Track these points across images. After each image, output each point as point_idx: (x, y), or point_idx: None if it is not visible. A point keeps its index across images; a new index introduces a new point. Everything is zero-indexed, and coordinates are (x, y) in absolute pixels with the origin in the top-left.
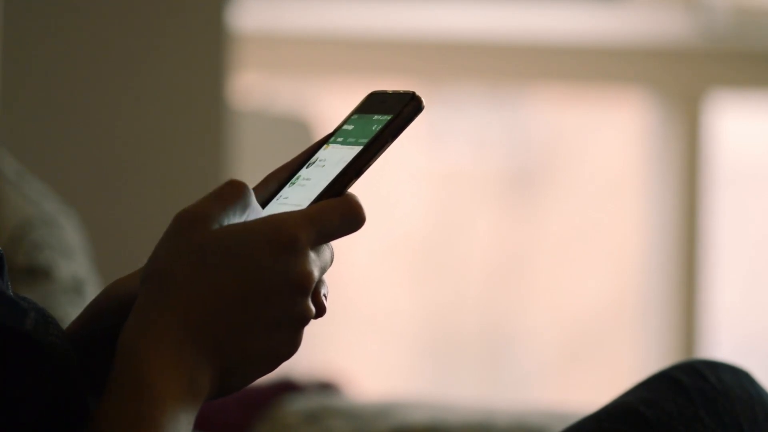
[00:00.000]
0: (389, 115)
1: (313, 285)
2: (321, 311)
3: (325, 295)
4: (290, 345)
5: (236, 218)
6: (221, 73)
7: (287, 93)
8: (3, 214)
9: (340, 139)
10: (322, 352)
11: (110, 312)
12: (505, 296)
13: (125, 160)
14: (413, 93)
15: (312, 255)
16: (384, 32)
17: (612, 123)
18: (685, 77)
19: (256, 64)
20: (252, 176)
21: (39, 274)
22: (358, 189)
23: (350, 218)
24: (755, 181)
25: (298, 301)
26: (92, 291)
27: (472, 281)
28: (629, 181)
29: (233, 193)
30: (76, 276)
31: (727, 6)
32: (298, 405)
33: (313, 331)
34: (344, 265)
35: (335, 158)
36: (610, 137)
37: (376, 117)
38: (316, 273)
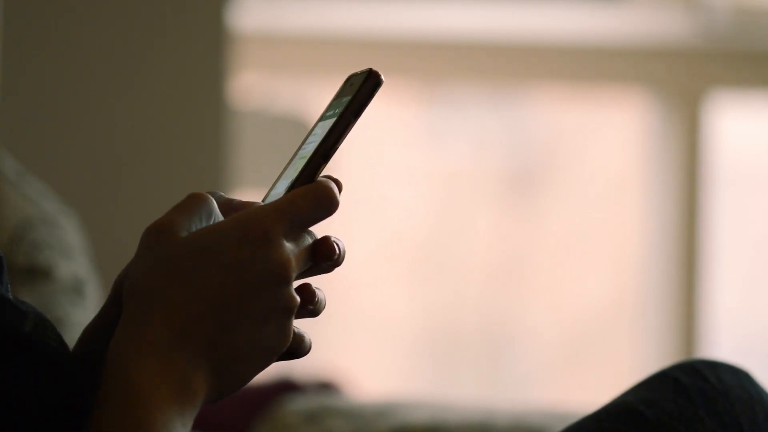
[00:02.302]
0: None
1: (293, 273)
2: (312, 302)
3: (316, 287)
4: (281, 337)
5: (201, 226)
6: (221, 73)
7: (287, 93)
8: (3, 214)
9: (318, 126)
10: (322, 352)
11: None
12: (505, 296)
13: (125, 160)
14: (370, 69)
15: (288, 244)
16: (384, 32)
17: (612, 123)
18: (685, 77)
19: (256, 64)
20: (252, 176)
21: (39, 274)
22: (357, 189)
23: (321, 203)
24: (755, 181)
25: (280, 291)
26: (92, 291)
27: (472, 281)
28: (629, 181)
29: (195, 202)
30: (76, 276)
31: (727, 6)
32: (298, 405)
33: (313, 331)
34: (344, 265)
35: (311, 146)
36: (610, 137)
37: (344, 99)
38: (294, 261)
